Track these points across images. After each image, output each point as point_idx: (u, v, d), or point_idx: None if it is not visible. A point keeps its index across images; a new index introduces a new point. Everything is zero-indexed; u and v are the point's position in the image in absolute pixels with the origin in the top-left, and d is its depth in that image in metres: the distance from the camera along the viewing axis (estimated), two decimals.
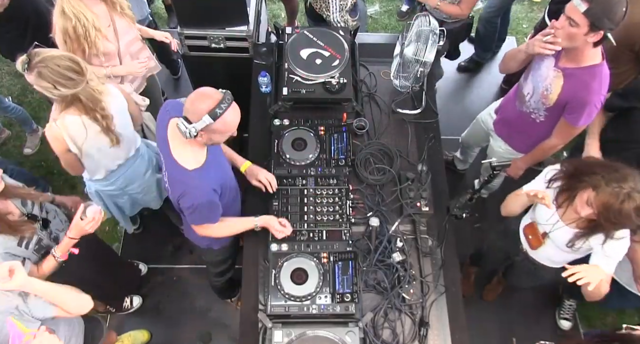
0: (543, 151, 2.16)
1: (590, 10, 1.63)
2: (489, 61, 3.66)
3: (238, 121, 1.52)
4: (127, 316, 2.71)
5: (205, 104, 1.42)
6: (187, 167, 1.57)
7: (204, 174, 1.58)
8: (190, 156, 1.58)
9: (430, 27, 2.07)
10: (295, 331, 1.68)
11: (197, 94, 1.46)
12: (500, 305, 2.72)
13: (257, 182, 1.92)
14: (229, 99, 1.46)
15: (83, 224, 1.74)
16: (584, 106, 1.85)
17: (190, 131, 1.44)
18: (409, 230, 1.96)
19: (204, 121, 1.42)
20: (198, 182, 1.57)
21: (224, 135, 1.54)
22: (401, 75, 2.25)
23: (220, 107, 1.42)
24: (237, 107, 1.50)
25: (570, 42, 1.76)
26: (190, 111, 1.45)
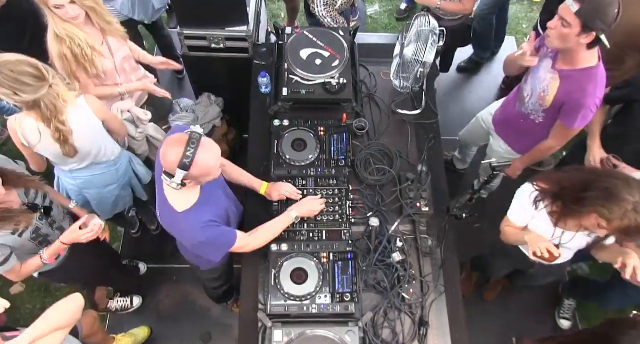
0: (540, 152, 2.17)
1: (582, 10, 1.64)
2: (489, 61, 3.66)
3: (216, 158, 1.44)
4: (127, 315, 2.71)
5: (173, 157, 1.36)
6: (177, 209, 1.53)
7: (193, 215, 1.53)
8: (181, 198, 1.53)
9: (430, 27, 2.08)
10: (295, 330, 1.69)
11: (164, 144, 1.41)
12: (500, 305, 2.73)
13: (279, 196, 1.90)
14: (194, 141, 1.35)
15: (80, 233, 1.73)
16: (579, 108, 1.85)
17: (174, 184, 1.39)
18: (409, 230, 1.97)
19: (179, 174, 1.37)
20: (189, 224, 1.53)
21: (210, 175, 1.46)
22: (401, 75, 2.25)
23: (186, 156, 1.34)
24: (208, 144, 1.40)
25: (563, 43, 1.76)
26: (165, 164, 1.40)
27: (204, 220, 1.55)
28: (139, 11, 2.72)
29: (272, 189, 1.91)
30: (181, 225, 1.55)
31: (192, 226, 1.53)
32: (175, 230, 1.59)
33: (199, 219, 1.54)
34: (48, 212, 1.82)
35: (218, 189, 1.71)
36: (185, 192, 1.52)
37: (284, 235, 1.87)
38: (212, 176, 1.48)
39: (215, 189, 1.67)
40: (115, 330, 2.65)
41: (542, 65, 1.97)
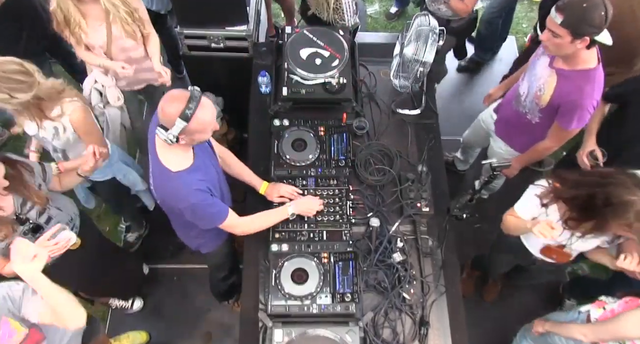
0: (537, 152, 2.17)
1: (566, 20, 1.66)
2: (489, 61, 3.66)
3: (213, 115, 1.49)
4: (127, 315, 2.71)
5: (174, 108, 1.40)
6: (171, 169, 1.55)
7: (188, 176, 1.55)
8: (174, 159, 1.56)
9: (429, 26, 2.07)
10: (295, 330, 1.69)
11: (164, 99, 1.44)
12: (500, 305, 2.73)
13: (280, 199, 1.91)
14: (196, 96, 1.42)
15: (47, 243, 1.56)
16: (576, 109, 1.85)
17: (168, 137, 1.42)
18: (409, 230, 1.96)
19: (178, 125, 1.40)
20: (181, 183, 1.55)
21: (205, 133, 1.51)
22: (401, 75, 2.25)
23: (189, 107, 1.39)
24: (207, 102, 1.46)
25: (561, 51, 1.79)
26: (162, 118, 1.43)
27: (199, 184, 1.57)
28: (156, 1, 2.73)
29: (272, 189, 1.91)
30: (174, 184, 1.55)
31: (186, 186, 1.54)
32: (167, 191, 1.59)
33: (194, 181, 1.56)
34: (37, 230, 1.76)
35: (210, 161, 1.71)
36: (179, 153, 1.55)
37: (284, 235, 1.87)
38: (205, 133, 1.51)
39: (208, 160, 1.69)
40: (115, 330, 2.66)
41: (539, 62, 1.97)
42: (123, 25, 2.13)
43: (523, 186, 1.87)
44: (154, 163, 1.61)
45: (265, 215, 1.81)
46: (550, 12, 1.71)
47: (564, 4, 1.67)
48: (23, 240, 1.43)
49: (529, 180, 1.84)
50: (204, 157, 1.65)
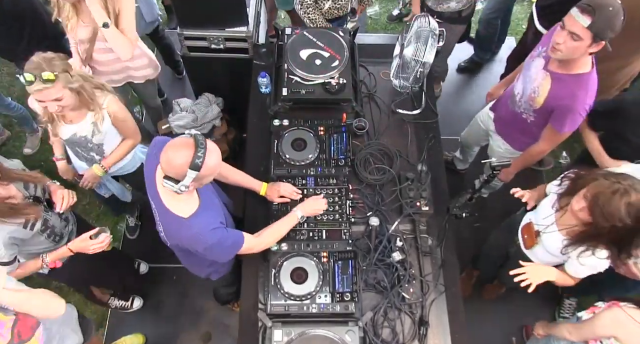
0: (531, 155, 2.18)
1: (594, 24, 1.62)
2: (489, 61, 3.67)
3: (220, 158, 1.46)
4: (126, 315, 2.71)
5: (182, 158, 1.35)
6: (183, 216, 1.51)
7: (201, 219, 1.53)
8: (183, 205, 1.52)
9: (429, 27, 2.08)
10: (295, 330, 1.69)
11: (169, 150, 1.38)
12: (500, 305, 2.72)
13: (279, 199, 1.91)
14: (202, 142, 1.37)
15: (89, 243, 1.75)
16: (568, 113, 1.86)
17: (180, 188, 1.39)
18: (409, 229, 1.96)
19: (189, 175, 1.36)
20: (197, 229, 1.52)
21: (212, 175, 1.48)
22: (401, 75, 2.25)
23: (197, 156, 1.35)
24: (212, 145, 1.42)
25: (572, 55, 1.76)
26: (170, 170, 1.38)
27: (212, 223, 1.55)
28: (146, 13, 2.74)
29: (272, 189, 1.92)
30: (190, 230, 1.52)
31: (202, 230, 1.52)
32: (184, 237, 1.56)
33: (207, 222, 1.53)
34: (51, 205, 1.84)
35: (212, 194, 1.70)
36: (185, 199, 1.52)
37: None
38: (213, 176, 1.50)
39: (210, 195, 1.67)
40: (115, 329, 2.66)
41: (534, 64, 1.97)
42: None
43: (523, 185, 1.88)
44: (161, 212, 1.56)
45: (277, 227, 1.78)
46: (572, 14, 1.66)
47: (592, 7, 1.62)
48: None
49: (529, 179, 1.85)
50: (206, 191, 1.63)
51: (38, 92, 1.69)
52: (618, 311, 1.57)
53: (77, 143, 2.01)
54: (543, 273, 1.74)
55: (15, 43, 2.53)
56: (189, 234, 1.53)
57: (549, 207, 1.80)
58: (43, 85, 1.66)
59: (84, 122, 1.92)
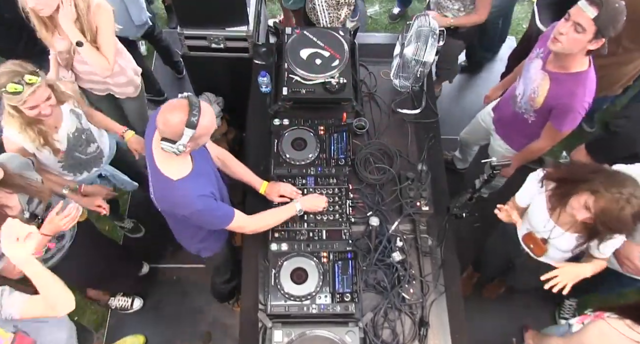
0: (531, 152, 2.18)
1: (600, 16, 1.62)
2: (489, 61, 3.67)
3: (213, 116, 1.48)
4: (127, 315, 2.71)
5: (177, 118, 1.37)
6: (172, 178, 1.53)
7: (189, 183, 1.54)
8: (175, 167, 1.54)
9: (430, 27, 2.08)
10: (295, 330, 1.68)
11: (164, 111, 1.41)
12: (500, 305, 2.72)
13: (280, 198, 1.91)
14: (195, 102, 1.40)
15: (58, 219, 1.69)
16: (568, 112, 1.86)
17: (178, 148, 1.41)
18: (409, 229, 1.96)
19: (186, 134, 1.38)
20: (183, 191, 1.53)
21: (208, 135, 1.51)
22: (401, 75, 2.25)
23: (193, 114, 1.37)
24: (206, 105, 1.44)
25: (571, 48, 1.75)
26: (165, 131, 1.40)
27: (202, 189, 1.56)
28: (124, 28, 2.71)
29: (272, 188, 1.91)
30: (177, 193, 1.53)
31: (190, 194, 1.53)
32: (170, 200, 1.57)
33: (197, 188, 1.55)
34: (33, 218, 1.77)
35: (207, 164, 1.71)
36: (178, 161, 1.53)
37: (283, 234, 1.87)
38: (208, 136, 1.51)
39: (205, 163, 1.67)
40: (115, 330, 2.65)
41: (533, 65, 1.98)
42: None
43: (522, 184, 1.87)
44: (153, 174, 1.59)
45: (273, 212, 1.81)
46: (580, 5, 1.65)
47: (600, 1, 1.61)
48: (14, 220, 1.40)
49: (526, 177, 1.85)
50: (202, 161, 1.65)
51: (31, 97, 1.65)
52: (603, 324, 1.58)
53: (76, 142, 1.98)
54: (577, 272, 1.70)
55: (15, 43, 2.52)
56: (176, 196, 1.54)
57: (541, 213, 1.76)
58: (32, 87, 1.63)
59: (66, 116, 1.89)
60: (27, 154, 1.84)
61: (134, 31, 2.81)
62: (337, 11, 2.59)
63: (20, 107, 1.69)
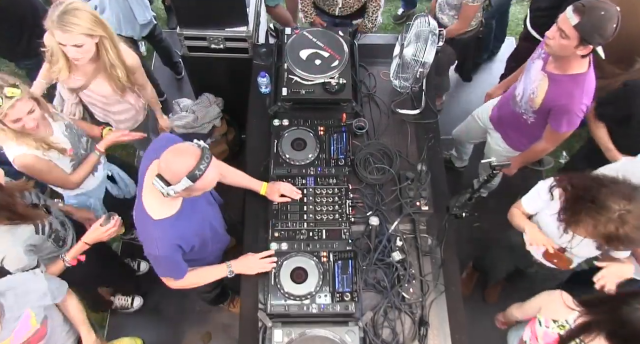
0: (534, 153, 2.19)
1: (581, 24, 1.64)
2: (487, 62, 3.68)
3: (218, 173, 1.42)
4: (127, 316, 2.71)
5: (184, 166, 1.32)
6: (152, 217, 1.48)
7: (169, 226, 1.49)
8: (158, 206, 1.49)
9: (429, 27, 2.08)
10: (295, 330, 1.69)
11: (173, 153, 1.36)
12: (500, 305, 2.71)
13: (280, 198, 1.91)
14: (207, 156, 1.35)
15: (102, 230, 1.78)
16: (565, 113, 1.87)
17: (168, 192, 1.35)
18: (409, 229, 1.96)
19: (183, 183, 1.32)
20: (159, 234, 1.48)
21: (204, 190, 1.44)
22: (400, 75, 2.25)
23: (199, 168, 1.32)
24: (216, 162, 1.40)
25: (561, 52, 1.78)
26: (166, 171, 1.34)
27: (175, 238, 1.51)
28: (125, 27, 2.72)
29: (272, 189, 1.92)
30: (151, 233, 1.49)
31: (159, 239, 1.48)
32: (142, 233, 1.55)
33: (171, 236, 1.50)
34: (48, 209, 1.85)
35: (200, 198, 1.63)
36: (165, 201, 1.47)
37: (283, 234, 1.87)
38: (205, 190, 1.45)
39: (198, 199, 1.60)
40: (115, 330, 2.65)
41: (534, 66, 1.99)
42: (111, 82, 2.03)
43: (522, 184, 1.88)
44: (137, 202, 1.54)
45: (206, 273, 1.78)
46: (566, 11, 1.68)
47: (583, 7, 1.63)
48: None
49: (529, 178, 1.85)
50: (193, 204, 1.58)
51: (11, 111, 1.60)
52: (556, 292, 1.66)
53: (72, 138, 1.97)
54: (622, 271, 1.71)
55: (14, 44, 2.53)
56: (147, 234, 1.51)
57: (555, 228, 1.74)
58: (12, 100, 1.58)
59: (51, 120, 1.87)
60: (43, 162, 1.81)
61: (138, 31, 2.82)
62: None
63: (3, 121, 1.65)
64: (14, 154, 1.76)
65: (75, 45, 1.78)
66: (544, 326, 1.64)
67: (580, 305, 1.58)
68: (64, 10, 1.72)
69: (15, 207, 1.58)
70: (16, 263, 1.64)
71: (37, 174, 1.84)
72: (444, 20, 2.68)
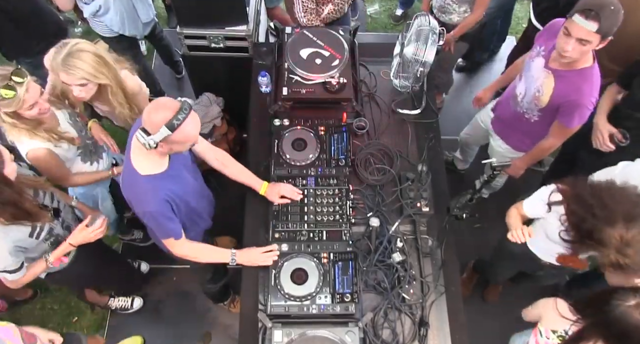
0: (541, 150, 2.17)
1: (602, 28, 1.63)
2: (488, 61, 3.67)
3: (198, 130, 1.48)
4: (127, 316, 2.71)
5: (162, 115, 1.38)
6: (140, 172, 1.53)
7: (156, 182, 1.54)
8: (146, 162, 1.54)
9: (430, 26, 2.07)
10: (295, 331, 1.68)
11: (153, 104, 1.43)
12: (500, 305, 2.72)
13: (280, 199, 1.91)
14: (186, 108, 1.41)
15: (88, 231, 1.77)
16: (576, 108, 1.86)
17: (149, 142, 1.41)
18: (409, 230, 1.96)
19: (162, 132, 1.38)
20: (148, 187, 1.53)
21: (184, 145, 1.50)
22: (401, 75, 2.24)
23: (177, 118, 1.38)
24: (195, 116, 1.45)
25: (582, 56, 1.77)
26: (147, 122, 1.41)
27: (164, 193, 1.55)
28: (129, 27, 2.70)
29: (272, 189, 1.91)
30: (139, 187, 1.54)
31: (149, 193, 1.53)
32: (132, 192, 1.58)
33: (159, 190, 1.54)
34: (57, 214, 1.83)
35: (186, 172, 1.70)
36: (153, 158, 1.53)
37: (284, 235, 1.87)
38: (184, 146, 1.51)
39: (183, 170, 1.67)
40: (115, 330, 2.65)
41: (534, 64, 1.97)
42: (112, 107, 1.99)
43: (523, 185, 1.88)
44: (126, 163, 1.59)
45: (209, 250, 1.81)
46: (576, 21, 1.64)
47: (595, 12, 1.61)
48: None
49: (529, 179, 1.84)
50: (179, 167, 1.63)
51: (28, 95, 1.61)
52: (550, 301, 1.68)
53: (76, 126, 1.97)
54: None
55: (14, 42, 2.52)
56: (137, 190, 1.55)
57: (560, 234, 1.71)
58: (24, 85, 1.60)
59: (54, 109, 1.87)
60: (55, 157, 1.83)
61: (141, 29, 2.81)
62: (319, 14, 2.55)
63: (20, 112, 1.65)
64: (27, 148, 1.77)
65: (80, 84, 1.79)
66: (544, 336, 1.64)
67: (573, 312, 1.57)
68: (68, 52, 1.70)
69: (22, 204, 1.57)
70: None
71: (45, 168, 1.85)
72: (454, 20, 2.60)
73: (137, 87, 2.04)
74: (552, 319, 1.62)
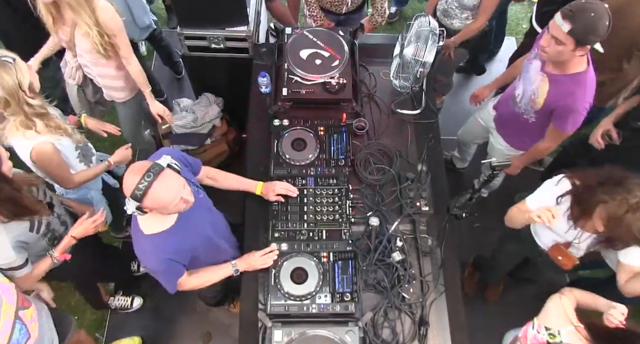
0: (538, 152, 2.19)
1: (574, 30, 1.64)
2: (487, 62, 3.67)
3: (174, 191, 1.34)
4: (126, 316, 2.71)
5: (128, 185, 1.30)
6: (144, 231, 1.49)
7: (159, 242, 1.49)
8: (151, 221, 1.48)
9: (430, 27, 2.08)
10: (295, 330, 1.69)
11: (128, 170, 1.34)
12: (500, 305, 2.72)
13: (276, 197, 1.91)
14: (150, 174, 1.29)
15: (89, 222, 1.79)
16: (569, 113, 1.87)
17: (129, 211, 1.34)
18: (409, 230, 1.96)
19: (130, 204, 1.32)
20: (150, 249, 1.50)
21: (168, 209, 1.38)
22: (401, 75, 2.25)
23: (138, 188, 1.28)
24: (167, 177, 1.33)
25: (558, 57, 1.78)
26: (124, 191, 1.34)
27: (168, 253, 1.51)
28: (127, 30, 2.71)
29: (268, 188, 1.92)
30: (144, 247, 1.51)
31: (151, 253, 1.50)
32: (136, 249, 1.56)
33: (163, 250, 1.50)
34: (51, 208, 1.85)
35: (199, 209, 1.60)
36: (156, 216, 1.46)
37: (283, 234, 1.87)
38: (169, 209, 1.39)
39: (195, 211, 1.55)
40: (115, 330, 2.65)
41: (532, 66, 1.98)
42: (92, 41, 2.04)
43: (522, 184, 1.88)
44: (133, 220, 1.54)
45: (209, 273, 1.78)
46: (555, 19, 1.68)
47: (572, 13, 1.63)
48: None
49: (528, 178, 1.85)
50: (190, 215, 1.54)
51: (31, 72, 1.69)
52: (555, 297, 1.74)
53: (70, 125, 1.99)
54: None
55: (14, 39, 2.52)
56: (141, 249, 1.53)
57: (563, 222, 1.74)
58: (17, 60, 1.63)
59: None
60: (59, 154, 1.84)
61: (137, 34, 2.81)
62: None
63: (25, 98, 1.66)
64: (32, 144, 1.76)
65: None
66: (535, 329, 1.65)
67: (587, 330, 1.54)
68: None
69: (22, 200, 1.58)
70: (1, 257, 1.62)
71: (48, 166, 1.85)
72: (455, 26, 2.61)
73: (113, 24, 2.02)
74: (552, 317, 1.63)
